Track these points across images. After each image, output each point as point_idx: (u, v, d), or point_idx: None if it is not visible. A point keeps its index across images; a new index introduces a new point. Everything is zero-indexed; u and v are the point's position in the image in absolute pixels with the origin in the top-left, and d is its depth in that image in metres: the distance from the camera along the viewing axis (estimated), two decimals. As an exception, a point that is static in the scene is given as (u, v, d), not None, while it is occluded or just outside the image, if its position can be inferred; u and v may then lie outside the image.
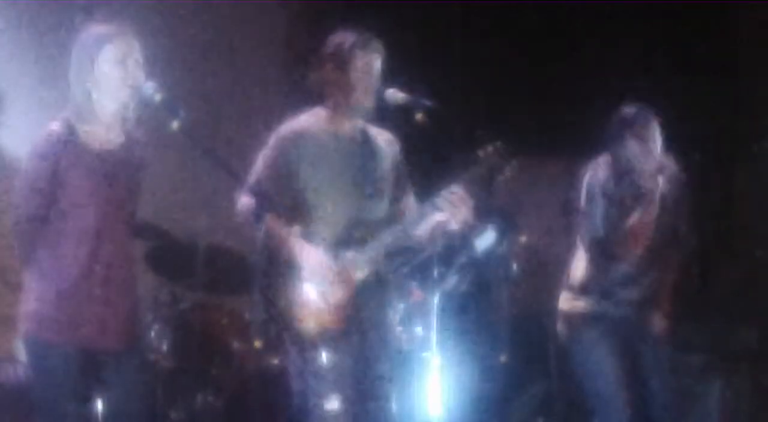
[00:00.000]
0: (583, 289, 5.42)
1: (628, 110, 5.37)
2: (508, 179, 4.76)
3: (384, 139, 4.91)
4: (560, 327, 5.49)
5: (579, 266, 5.49)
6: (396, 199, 4.89)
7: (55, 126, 4.21)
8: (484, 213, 5.57)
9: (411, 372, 5.84)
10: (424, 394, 5.72)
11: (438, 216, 4.75)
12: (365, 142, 4.85)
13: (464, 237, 5.95)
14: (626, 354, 5.40)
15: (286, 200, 4.67)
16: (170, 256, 6.11)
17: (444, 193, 4.68)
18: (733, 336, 7.02)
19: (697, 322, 6.26)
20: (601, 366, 5.35)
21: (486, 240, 5.88)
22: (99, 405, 4.22)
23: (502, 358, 6.64)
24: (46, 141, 4.18)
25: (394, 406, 5.68)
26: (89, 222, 4.18)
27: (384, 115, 4.93)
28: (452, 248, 6.05)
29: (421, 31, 7.47)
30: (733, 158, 7.55)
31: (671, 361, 5.50)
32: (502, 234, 5.82)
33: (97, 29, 4.25)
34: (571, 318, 5.45)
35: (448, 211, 4.68)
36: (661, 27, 7.71)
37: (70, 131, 4.20)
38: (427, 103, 4.74)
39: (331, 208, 4.72)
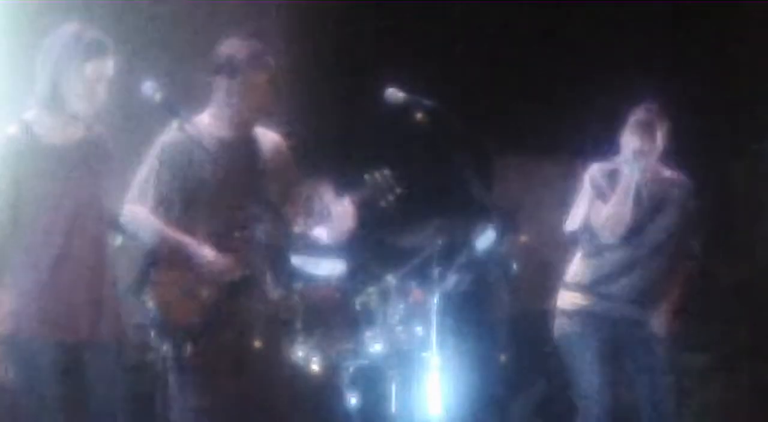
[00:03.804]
0: (576, 285, 5.42)
1: (636, 107, 5.37)
2: (391, 206, 4.80)
3: (270, 140, 4.87)
4: (555, 324, 5.49)
5: (574, 262, 5.51)
6: (282, 200, 4.86)
7: (13, 130, 4.18)
8: (484, 213, 5.59)
9: (411, 372, 5.84)
10: (424, 394, 5.72)
11: (317, 229, 4.79)
12: (249, 145, 4.79)
13: (464, 237, 5.97)
14: (619, 354, 5.40)
15: (174, 205, 4.66)
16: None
17: (336, 202, 4.72)
18: (733, 336, 7.03)
19: (697, 322, 6.26)
20: (593, 365, 5.34)
21: (486, 240, 5.89)
22: (81, 397, 4.21)
23: (502, 358, 6.65)
24: (4, 146, 4.15)
25: (394, 406, 5.69)
26: (58, 219, 4.16)
27: (384, 114, 4.94)
28: (452, 248, 6.06)
29: (421, 31, 7.47)
30: (733, 158, 7.55)
31: (670, 361, 5.49)
32: (502, 234, 5.82)
33: (79, 35, 4.18)
34: (564, 315, 5.45)
35: (334, 220, 4.72)
36: (662, 27, 7.71)
37: (29, 133, 4.16)
38: (427, 103, 4.74)
39: (215, 211, 4.68)
